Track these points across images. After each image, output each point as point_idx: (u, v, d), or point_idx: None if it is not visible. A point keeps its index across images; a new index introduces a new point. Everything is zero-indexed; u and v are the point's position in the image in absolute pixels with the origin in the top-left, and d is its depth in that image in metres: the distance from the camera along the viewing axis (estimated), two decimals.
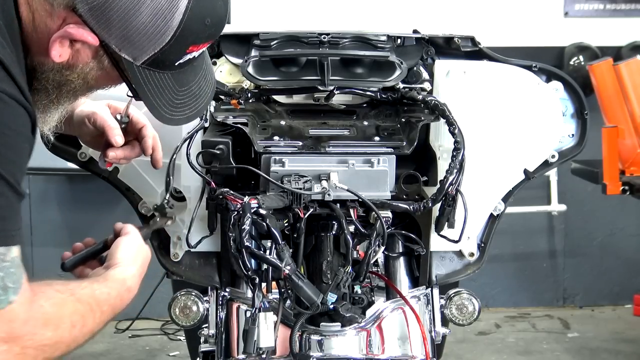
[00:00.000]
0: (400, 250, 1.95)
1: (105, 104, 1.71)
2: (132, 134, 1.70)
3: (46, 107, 1.39)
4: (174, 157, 1.73)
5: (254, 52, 1.83)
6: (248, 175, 1.83)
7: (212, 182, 1.74)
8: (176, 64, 1.37)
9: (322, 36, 1.84)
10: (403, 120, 1.86)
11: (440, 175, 1.75)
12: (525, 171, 1.95)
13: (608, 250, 4.65)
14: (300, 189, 1.70)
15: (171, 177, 1.74)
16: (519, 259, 4.62)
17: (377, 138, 1.84)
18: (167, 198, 1.75)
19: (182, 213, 1.88)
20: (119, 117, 1.68)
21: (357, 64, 1.84)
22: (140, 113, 1.71)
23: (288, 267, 1.62)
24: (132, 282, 1.49)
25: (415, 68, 1.89)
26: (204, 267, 1.93)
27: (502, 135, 1.88)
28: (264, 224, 1.65)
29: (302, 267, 1.76)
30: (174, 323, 1.93)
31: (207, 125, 1.80)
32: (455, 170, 1.70)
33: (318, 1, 4.29)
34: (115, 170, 1.87)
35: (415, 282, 1.94)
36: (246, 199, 1.64)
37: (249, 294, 1.82)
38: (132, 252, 1.55)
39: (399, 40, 1.91)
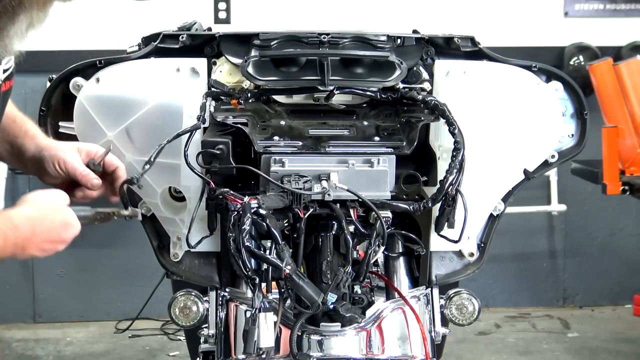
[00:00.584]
0: (400, 250, 1.95)
1: (75, 149, 1.71)
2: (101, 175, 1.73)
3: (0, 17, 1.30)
4: (154, 155, 1.72)
5: (253, 52, 1.83)
6: (248, 175, 1.83)
7: (211, 182, 1.74)
8: None
9: (322, 36, 1.84)
10: (403, 120, 1.86)
11: (440, 175, 1.75)
12: (525, 171, 1.95)
13: (608, 250, 4.65)
14: (300, 189, 1.71)
15: (149, 165, 1.73)
16: (519, 259, 4.62)
17: (377, 138, 1.84)
18: (140, 175, 1.72)
19: (182, 213, 1.88)
20: (91, 164, 1.71)
21: (357, 64, 1.84)
22: (112, 155, 1.73)
23: (288, 267, 1.63)
24: (20, 221, 1.40)
25: (415, 68, 1.89)
26: (203, 267, 1.93)
27: (502, 135, 1.88)
28: (264, 224, 1.65)
29: (302, 267, 1.76)
30: (174, 323, 1.94)
31: (205, 125, 1.79)
32: (455, 170, 1.70)
33: (318, 1, 4.29)
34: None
35: (415, 282, 1.94)
36: (246, 199, 1.64)
37: (249, 294, 1.82)
38: (40, 198, 1.48)
39: (398, 41, 1.91)
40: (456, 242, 1.81)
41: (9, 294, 4.39)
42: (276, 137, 1.82)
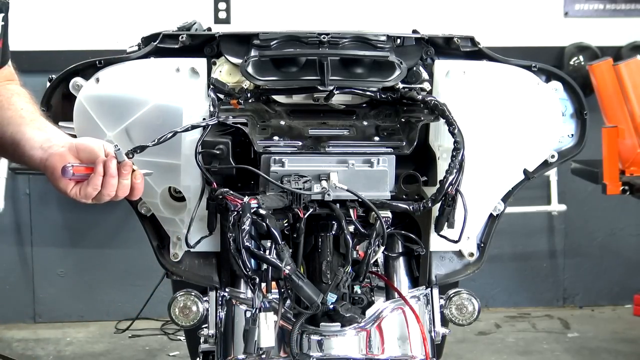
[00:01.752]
0: (400, 250, 1.95)
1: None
2: None
3: None
4: (163, 138, 1.70)
5: (253, 52, 1.83)
6: (248, 175, 1.83)
7: (215, 183, 1.74)
8: None
9: (322, 36, 1.84)
10: (403, 120, 1.86)
11: (440, 175, 1.75)
12: (525, 171, 1.95)
13: (608, 250, 4.65)
14: (300, 189, 1.71)
15: (154, 142, 1.70)
16: (518, 259, 4.62)
17: (376, 138, 1.84)
18: (137, 149, 1.68)
19: (182, 213, 1.88)
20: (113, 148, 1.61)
21: (357, 64, 1.84)
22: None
23: (288, 267, 1.63)
24: None
25: (414, 68, 1.89)
26: (203, 267, 1.93)
27: (502, 135, 1.88)
28: (264, 224, 1.65)
29: (301, 267, 1.76)
30: (174, 323, 1.94)
31: (211, 123, 1.79)
32: (455, 170, 1.70)
33: (318, 1, 4.29)
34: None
35: (415, 282, 1.94)
36: (246, 199, 1.65)
37: (249, 294, 1.82)
38: None
39: (398, 41, 1.91)
40: (456, 242, 1.81)
41: (9, 294, 4.39)
42: (276, 137, 1.82)
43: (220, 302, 1.91)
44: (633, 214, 4.54)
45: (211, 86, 1.82)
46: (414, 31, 2.00)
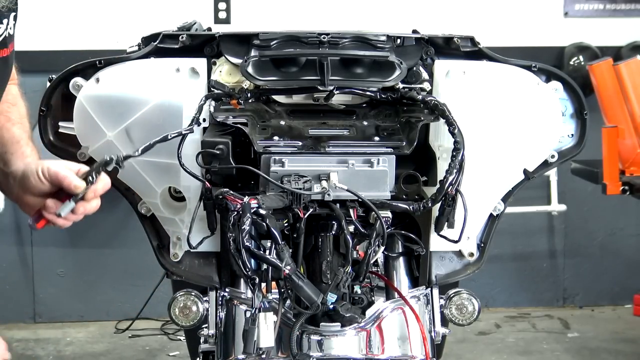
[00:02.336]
0: (400, 250, 1.95)
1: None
2: None
3: None
4: (141, 149, 1.71)
5: (253, 52, 1.83)
6: (248, 175, 1.83)
7: (207, 182, 1.74)
8: None
9: (322, 36, 1.84)
10: (403, 120, 1.86)
11: (440, 175, 1.75)
12: (525, 171, 1.95)
13: (608, 250, 4.65)
14: (300, 189, 1.71)
15: (137, 153, 1.71)
16: (519, 259, 4.62)
17: (376, 138, 1.84)
18: (119, 158, 1.68)
19: (182, 213, 1.89)
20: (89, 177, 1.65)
21: (357, 64, 1.84)
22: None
23: (288, 267, 1.63)
24: None
25: (414, 68, 1.89)
26: (203, 267, 1.93)
27: (502, 135, 1.88)
28: (264, 224, 1.65)
29: (302, 267, 1.76)
30: (174, 323, 1.94)
31: (205, 125, 1.79)
32: (455, 170, 1.70)
33: (318, 1, 4.29)
34: (115, 171, 1.85)
35: (415, 282, 1.94)
36: (246, 199, 1.65)
37: (249, 294, 1.82)
38: None
39: (398, 41, 1.91)
40: (456, 242, 1.81)
41: (9, 294, 4.39)
42: (276, 137, 1.82)
43: (220, 302, 1.91)
44: (633, 214, 4.55)
45: (205, 90, 1.82)
46: (414, 31, 2.00)
